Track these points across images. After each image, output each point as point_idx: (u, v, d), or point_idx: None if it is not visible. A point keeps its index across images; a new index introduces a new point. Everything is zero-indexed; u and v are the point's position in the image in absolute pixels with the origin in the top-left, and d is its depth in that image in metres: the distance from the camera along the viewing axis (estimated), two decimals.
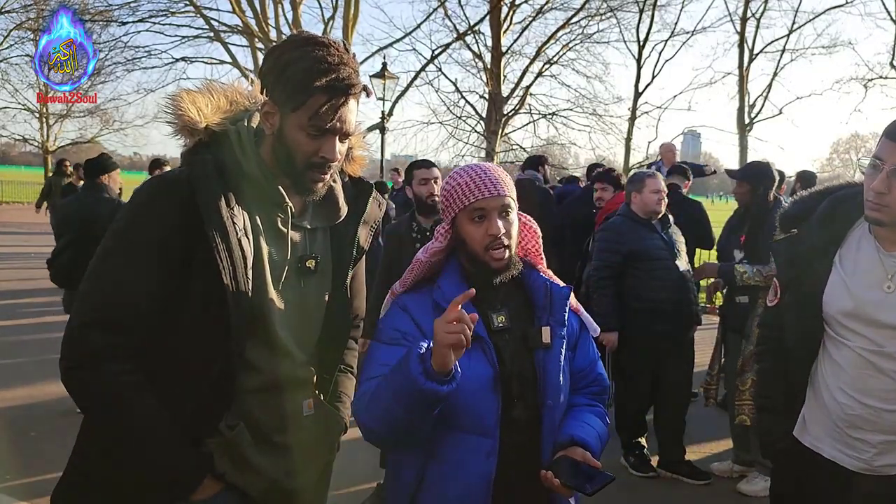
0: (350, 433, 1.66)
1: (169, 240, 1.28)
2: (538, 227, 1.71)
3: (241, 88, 1.45)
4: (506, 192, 1.55)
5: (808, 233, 1.81)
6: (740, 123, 20.35)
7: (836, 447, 1.74)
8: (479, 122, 18.37)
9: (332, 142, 1.35)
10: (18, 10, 19.04)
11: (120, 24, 16.47)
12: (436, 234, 1.63)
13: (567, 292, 1.64)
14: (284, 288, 1.42)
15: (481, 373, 1.50)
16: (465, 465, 1.50)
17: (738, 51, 20.42)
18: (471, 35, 17.68)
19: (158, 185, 1.34)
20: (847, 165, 38.93)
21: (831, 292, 1.73)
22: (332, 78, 1.30)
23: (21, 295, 8.79)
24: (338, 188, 1.50)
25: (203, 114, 1.36)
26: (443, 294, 1.55)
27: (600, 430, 1.63)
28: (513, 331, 1.57)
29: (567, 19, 18.27)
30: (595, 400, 1.70)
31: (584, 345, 1.71)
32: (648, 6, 19.11)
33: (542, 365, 1.56)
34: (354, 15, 16.12)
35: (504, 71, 18.09)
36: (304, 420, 1.50)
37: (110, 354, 1.27)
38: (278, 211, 1.40)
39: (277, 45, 1.41)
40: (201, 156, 1.33)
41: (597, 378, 1.72)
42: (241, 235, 1.31)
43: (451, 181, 1.58)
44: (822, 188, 1.90)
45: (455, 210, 1.57)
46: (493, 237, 1.53)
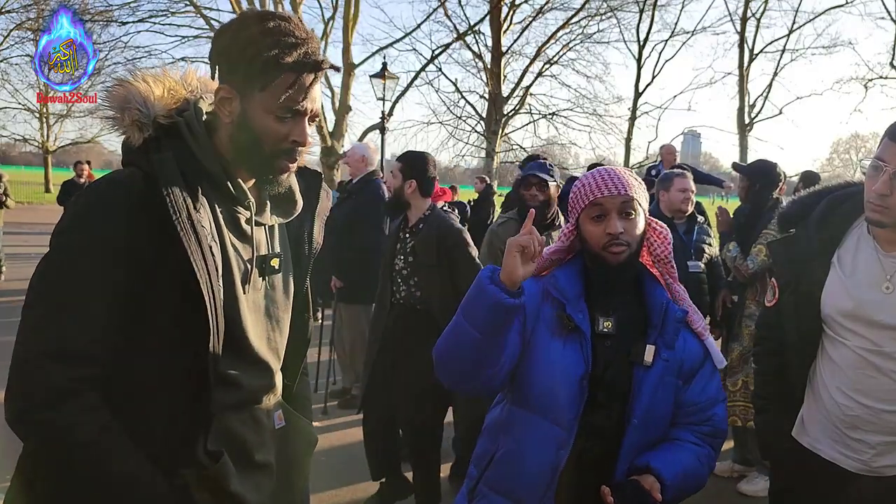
0: (352, 434, 1.66)
1: (130, 250, 1.12)
2: (670, 234, 1.65)
3: (174, 74, 1.31)
4: (628, 192, 1.52)
5: (807, 232, 1.80)
6: (740, 123, 20.39)
7: (835, 448, 1.73)
8: (480, 122, 18.39)
9: (302, 124, 1.24)
10: (18, 10, 19.10)
11: (120, 24, 16.55)
12: (559, 235, 1.63)
13: (681, 315, 1.58)
14: (252, 291, 1.31)
15: (571, 364, 1.49)
16: (535, 450, 1.50)
17: (739, 51, 20.51)
18: (471, 35, 17.73)
19: (111, 188, 1.16)
20: (847, 165, 38.96)
21: (830, 292, 1.72)
22: (302, 53, 1.20)
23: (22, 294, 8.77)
24: (293, 180, 1.37)
25: (148, 105, 1.21)
26: (556, 282, 1.56)
27: (689, 470, 1.52)
28: (617, 339, 1.54)
29: (567, 19, 18.32)
30: (703, 441, 1.59)
31: (704, 378, 1.61)
32: (648, 6, 19.16)
33: (638, 382, 1.51)
34: (354, 15, 16.14)
35: (504, 71, 18.12)
36: (276, 434, 1.39)
37: (77, 390, 1.09)
38: (241, 208, 1.29)
39: (228, 23, 1.28)
40: (160, 155, 1.17)
41: (711, 418, 1.61)
42: (211, 241, 1.18)
43: (577, 184, 1.59)
44: (821, 188, 1.90)
45: (578, 210, 1.57)
46: (612, 236, 1.50)
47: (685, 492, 1.51)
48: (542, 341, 1.52)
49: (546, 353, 1.51)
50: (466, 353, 1.44)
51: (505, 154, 18.82)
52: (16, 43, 20.51)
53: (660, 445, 1.54)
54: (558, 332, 1.51)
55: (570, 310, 1.51)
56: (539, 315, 1.54)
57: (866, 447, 1.67)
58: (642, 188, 1.58)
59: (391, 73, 15.06)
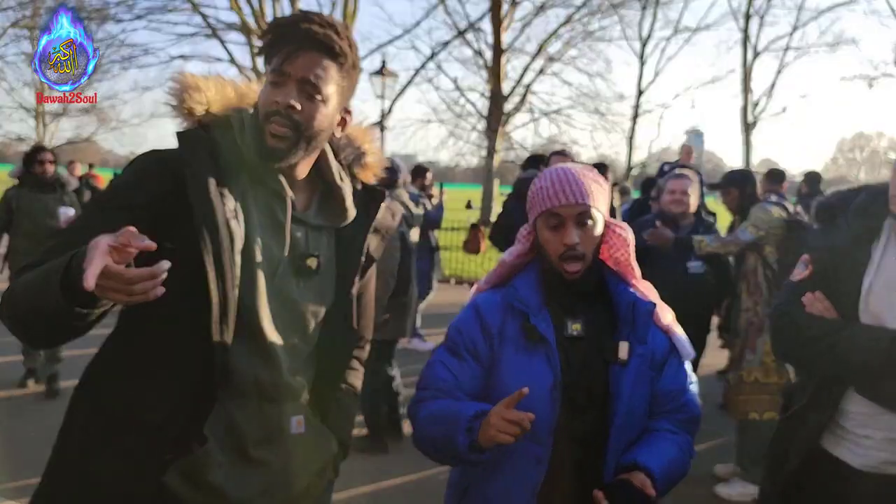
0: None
1: (151, 206, 1.23)
2: (631, 236, 1.63)
3: (253, 86, 1.43)
4: (585, 200, 1.50)
5: (847, 221, 1.80)
6: (744, 122, 20.24)
7: (842, 444, 1.70)
8: (480, 120, 18.26)
9: (287, 87, 1.28)
10: (14, 7, 18.94)
11: (116, 21, 16.46)
12: (518, 237, 1.61)
13: (651, 308, 1.58)
14: (278, 285, 1.33)
15: (540, 377, 1.47)
16: (511, 468, 1.49)
17: (742, 48, 20.33)
18: (471, 32, 17.63)
19: (149, 155, 1.34)
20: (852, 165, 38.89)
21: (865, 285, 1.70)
22: (289, 24, 1.29)
23: None
24: (345, 187, 1.44)
25: (207, 98, 1.33)
26: (516, 294, 1.55)
27: (673, 460, 1.52)
28: (588, 341, 1.53)
29: (568, 16, 18.22)
30: (680, 427, 1.60)
31: (673, 367, 1.62)
32: (651, 3, 19.03)
33: (616, 381, 1.50)
34: (353, 12, 16.03)
35: (505, 68, 17.98)
36: (291, 438, 1.39)
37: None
38: (277, 201, 1.34)
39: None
40: (194, 130, 1.31)
41: (685, 404, 1.62)
42: (231, 217, 1.25)
43: (535, 183, 1.56)
44: (861, 185, 1.90)
45: (535, 213, 1.55)
46: (567, 247, 1.49)
47: (672, 482, 1.51)
48: (508, 359, 1.52)
49: (513, 372, 1.50)
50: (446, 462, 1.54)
51: (505, 153, 18.69)
52: (12, 41, 20.35)
53: (641, 439, 1.54)
54: (524, 346, 1.51)
55: (533, 320, 1.50)
56: (503, 333, 1.54)
57: (873, 443, 1.64)
58: (602, 190, 1.56)
59: (390, 71, 14.96)
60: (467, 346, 1.54)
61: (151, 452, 1.23)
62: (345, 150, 1.50)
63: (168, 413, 1.24)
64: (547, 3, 17.82)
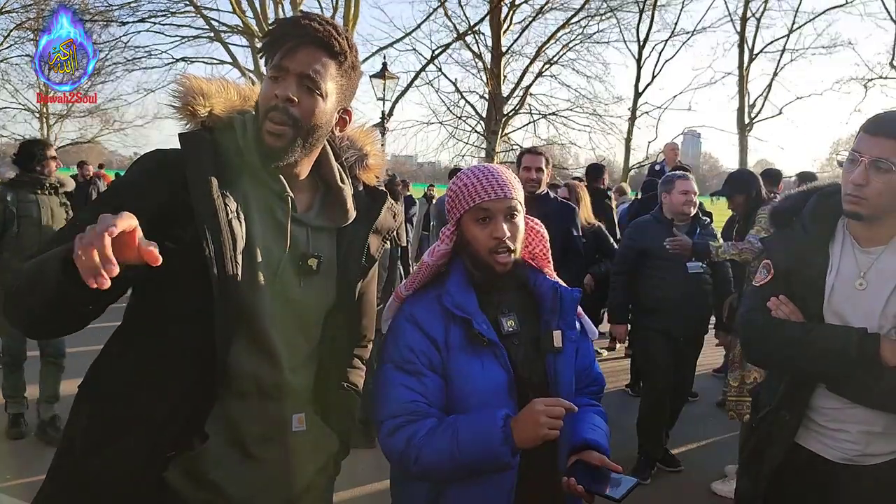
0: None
1: (153, 206, 1.20)
2: (545, 231, 1.69)
3: (256, 89, 1.41)
4: (512, 195, 1.53)
5: (803, 227, 1.83)
6: (740, 123, 20.35)
7: (817, 439, 1.74)
8: (480, 122, 18.36)
9: (286, 81, 1.28)
10: (18, 10, 19.01)
11: (120, 24, 16.49)
12: (441, 236, 1.60)
13: (578, 295, 1.62)
14: (279, 284, 1.33)
15: (497, 379, 1.48)
16: (486, 477, 1.47)
17: (738, 51, 20.44)
18: (471, 35, 17.69)
19: (151, 155, 1.32)
20: None
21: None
22: (290, 23, 1.30)
23: None
24: (346, 189, 1.44)
25: (210, 100, 1.33)
26: (452, 299, 1.52)
27: (606, 431, 1.63)
28: (522, 335, 1.56)
29: (567, 19, 18.28)
30: (594, 399, 1.71)
31: (585, 345, 1.71)
32: (648, 6, 19.13)
33: (554, 369, 1.55)
34: (354, 15, 16.11)
35: (504, 71, 18.09)
36: (292, 436, 1.39)
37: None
38: (278, 201, 1.34)
39: None
40: (196, 133, 1.30)
41: (596, 377, 1.73)
42: (233, 217, 1.25)
43: (457, 182, 1.57)
44: (810, 187, 1.94)
45: (460, 211, 1.55)
46: (498, 240, 1.51)
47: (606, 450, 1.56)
48: (460, 367, 1.49)
49: (469, 378, 1.49)
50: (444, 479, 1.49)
51: (505, 154, 18.79)
52: (16, 43, 20.41)
53: (578, 418, 1.56)
54: (472, 351, 1.49)
55: (476, 325, 1.49)
56: (449, 342, 1.51)
57: (848, 437, 1.69)
58: (521, 188, 1.59)
59: (391, 73, 15.06)
60: (423, 361, 1.50)
61: (153, 450, 1.23)
62: (347, 151, 1.50)
63: (169, 411, 1.23)
64: (546, 6, 17.97)
